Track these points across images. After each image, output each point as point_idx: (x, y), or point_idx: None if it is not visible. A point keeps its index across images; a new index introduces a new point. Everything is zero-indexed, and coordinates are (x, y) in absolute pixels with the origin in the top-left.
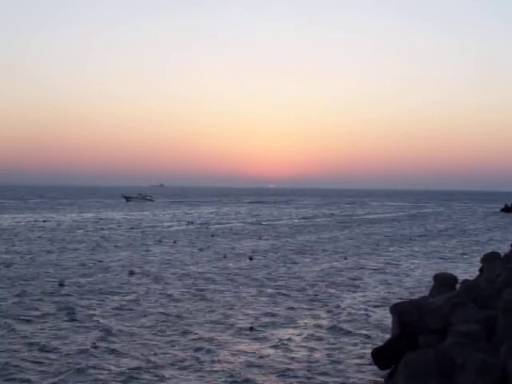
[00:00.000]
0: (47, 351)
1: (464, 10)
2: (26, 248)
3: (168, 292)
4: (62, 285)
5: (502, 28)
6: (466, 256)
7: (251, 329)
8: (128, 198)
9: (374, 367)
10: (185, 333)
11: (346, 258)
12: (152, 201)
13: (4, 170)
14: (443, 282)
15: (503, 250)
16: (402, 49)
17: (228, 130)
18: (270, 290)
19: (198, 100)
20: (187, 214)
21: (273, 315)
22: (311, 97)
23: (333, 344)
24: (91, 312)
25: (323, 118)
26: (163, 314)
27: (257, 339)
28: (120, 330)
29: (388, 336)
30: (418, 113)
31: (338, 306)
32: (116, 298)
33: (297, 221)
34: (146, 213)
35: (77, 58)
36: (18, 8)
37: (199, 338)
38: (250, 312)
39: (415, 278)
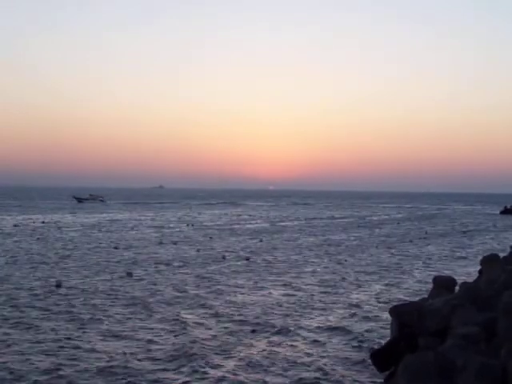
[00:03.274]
0: (49, 354)
1: (464, 10)
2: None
3: (168, 293)
4: (59, 286)
5: (501, 28)
6: (465, 258)
7: (253, 331)
8: (79, 200)
9: (373, 369)
10: (185, 335)
11: (345, 260)
12: (104, 202)
13: (4, 170)
14: (442, 284)
15: (503, 251)
16: (402, 49)
17: (228, 131)
18: (268, 291)
19: (197, 100)
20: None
21: (272, 316)
22: (311, 97)
23: (332, 345)
24: (89, 313)
25: (323, 118)
26: (163, 316)
27: (257, 341)
28: (120, 331)
29: (387, 338)
30: (417, 113)
31: (337, 308)
32: (115, 298)
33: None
34: (103, 215)
35: (77, 58)
36: (18, 8)
37: (198, 339)
38: (250, 313)
39: (415, 280)
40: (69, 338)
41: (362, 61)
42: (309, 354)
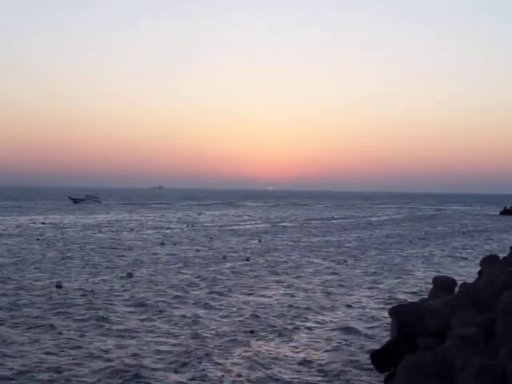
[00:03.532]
0: (54, 354)
1: (464, 10)
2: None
3: (168, 293)
4: (59, 286)
5: (501, 28)
6: (464, 259)
7: (252, 332)
8: (75, 200)
9: (373, 369)
10: (185, 335)
11: (345, 261)
12: (99, 202)
13: (4, 170)
14: (442, 284)
15: (502, 252)
16: (402, 49)
17: (228, 131)
18: (268, 291)
19: (197, 100)
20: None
21: (272, 316)
22: (311, 97)
23: (331, 346)
24: (90, 313)
25: (323, 118)
26: (163, 316)
27: (257, 341)
28: (120, 331)
29: (387, 338)
30: (417, 113)
31: (337, 308)
32: (115, 299)
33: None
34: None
35: (77, 58)
36: (18, 8)
37: (198, 339)
38: (250, 313)
39: (414, 280)
40: (69, 338)
41: (362, 61)
42: (308, 354)
